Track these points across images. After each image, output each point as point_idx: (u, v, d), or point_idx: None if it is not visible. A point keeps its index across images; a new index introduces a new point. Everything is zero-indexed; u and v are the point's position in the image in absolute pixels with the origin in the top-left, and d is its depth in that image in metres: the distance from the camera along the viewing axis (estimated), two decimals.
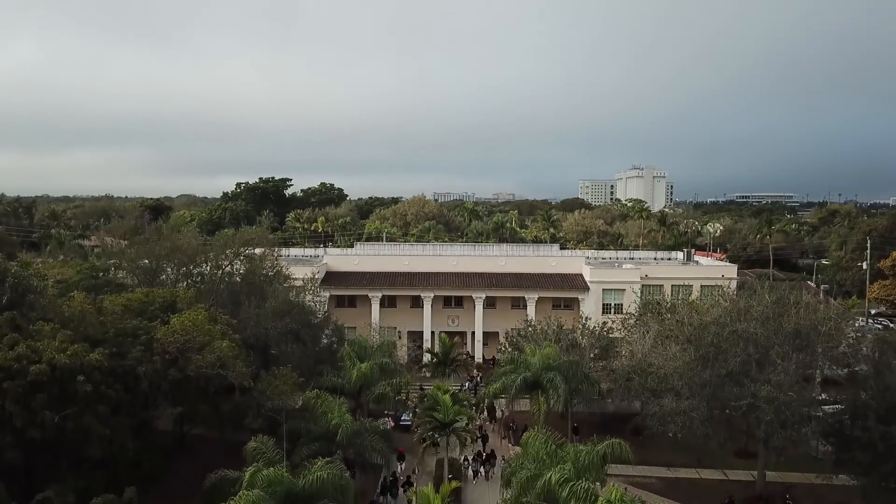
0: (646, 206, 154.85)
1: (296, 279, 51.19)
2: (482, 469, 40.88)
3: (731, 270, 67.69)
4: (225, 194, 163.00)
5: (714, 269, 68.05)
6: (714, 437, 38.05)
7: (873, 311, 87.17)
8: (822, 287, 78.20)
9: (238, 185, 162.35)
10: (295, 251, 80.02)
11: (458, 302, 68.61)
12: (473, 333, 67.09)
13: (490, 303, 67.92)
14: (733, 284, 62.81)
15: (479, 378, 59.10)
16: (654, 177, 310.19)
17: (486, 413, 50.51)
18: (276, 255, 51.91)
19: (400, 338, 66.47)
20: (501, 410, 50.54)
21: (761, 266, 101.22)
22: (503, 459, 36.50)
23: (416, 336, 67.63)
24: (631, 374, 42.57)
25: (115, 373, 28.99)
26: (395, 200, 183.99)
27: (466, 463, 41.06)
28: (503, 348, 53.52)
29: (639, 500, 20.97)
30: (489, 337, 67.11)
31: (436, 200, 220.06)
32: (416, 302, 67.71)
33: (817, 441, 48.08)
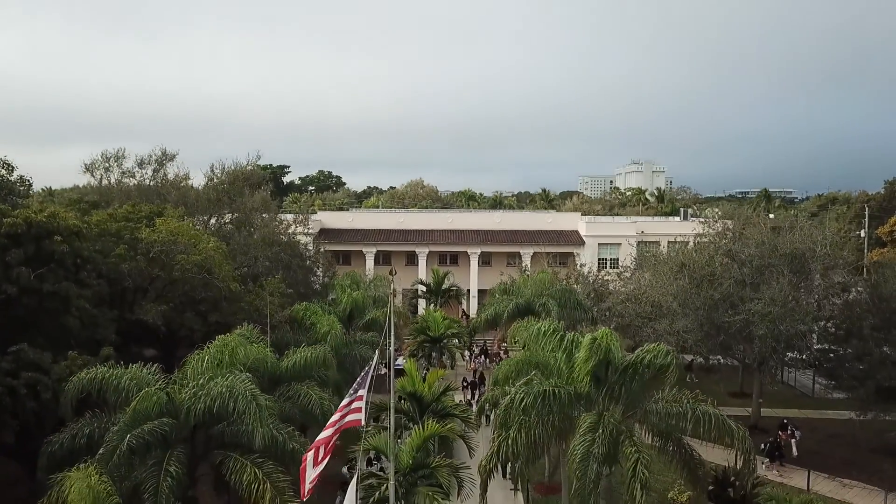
0: (646, 190, 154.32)
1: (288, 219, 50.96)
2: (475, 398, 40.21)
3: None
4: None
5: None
6: (707, 354, 37.77)
7: None
8: None
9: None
10: (290, 216, 79.70)
11: (454, 259, 68.24)
12: (469, 291, 66.68)
13: (485, 260, 67.58)
14: None
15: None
16: (653, 171, 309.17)
17: (483, 357, 49.96)
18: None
19: (395, 295, 66.02)
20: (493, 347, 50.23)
21: None
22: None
23: (411, 294, 67.19)
24: (625, 302, 42.17)
25: (99, 270, 28.61)
26: (393, 188, 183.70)
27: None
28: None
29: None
30: (484, 296, 66.63)
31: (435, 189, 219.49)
32: (412, 260, 67.32)
33: (813, 378, 47.96)
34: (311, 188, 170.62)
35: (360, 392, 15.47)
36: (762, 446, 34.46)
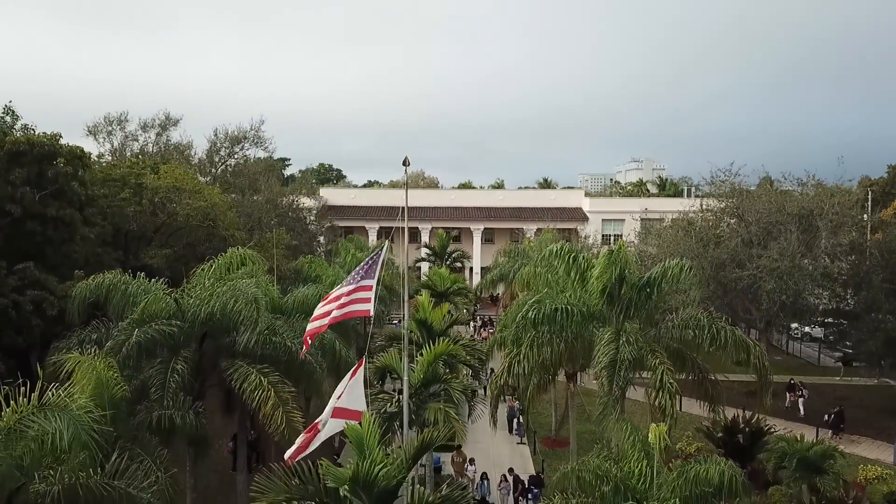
0: (647, 182, 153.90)
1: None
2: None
3: None
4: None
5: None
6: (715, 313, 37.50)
7: None
8: None
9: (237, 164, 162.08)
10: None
11: (457, 237, 67.92)
12: (472, 268, 66.39)
13: (488, 238, 67.33)
14: None
15: (477, 305, 58.37)
16: (653, 169, 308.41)
17: (489, 328, 49.52)
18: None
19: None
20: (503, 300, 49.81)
21: None
22: None
23: (413, 271, 66.92)
24: None
25: (104, 212, 28.37)
26: (394, 182, 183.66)
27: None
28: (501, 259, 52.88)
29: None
30: (488, 273, 66.35)
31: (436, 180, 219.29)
32: (414, 237, 66.99)
33: (818, 349, 47.94)
34: (312, 181, 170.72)
35: (367, 282, 15.03)
36: (825, 418, 33.97)
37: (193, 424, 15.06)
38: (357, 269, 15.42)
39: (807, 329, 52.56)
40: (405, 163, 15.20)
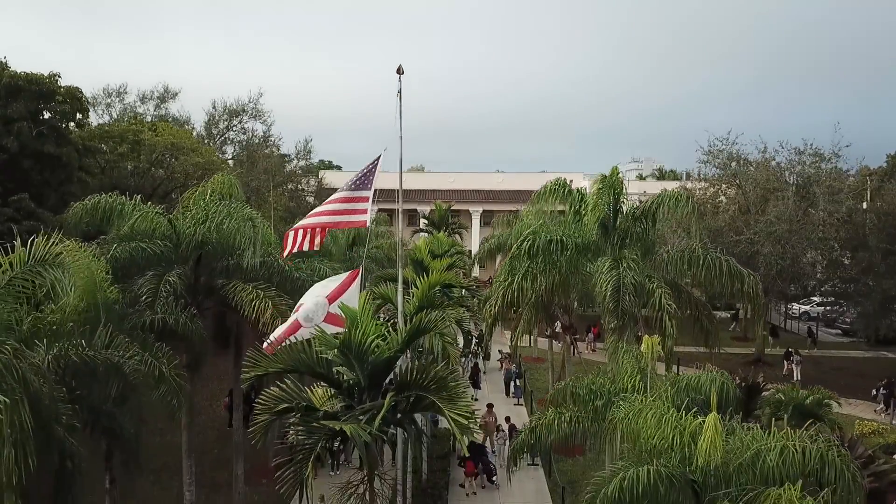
0: (646, 177, 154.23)
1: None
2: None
3: None
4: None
5: None
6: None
7: None
8: None
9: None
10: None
11: (455, 215, 67.90)
12: (471, 251, 66.34)
13: (487, 221, 67.30)
14: None
15: (475, 287, 58.27)
16: (653, 168, 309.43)
17: None
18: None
19: (396, 257, 65.74)
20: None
21: None
22: None
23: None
24: None
25: (102, 167, 28.43)
26: None
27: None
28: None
29: None
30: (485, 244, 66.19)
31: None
32: (413, 221, 67.08)
33: (816, 325, 48.13)
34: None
35: (363, 193, 14.95)
36: (873, 393, 33.66)
37: (187, 326, 15.04)
38: (351, 179, 15.27)
39: (805, 308, 52.96)
40: (399, 71, 15.08)
